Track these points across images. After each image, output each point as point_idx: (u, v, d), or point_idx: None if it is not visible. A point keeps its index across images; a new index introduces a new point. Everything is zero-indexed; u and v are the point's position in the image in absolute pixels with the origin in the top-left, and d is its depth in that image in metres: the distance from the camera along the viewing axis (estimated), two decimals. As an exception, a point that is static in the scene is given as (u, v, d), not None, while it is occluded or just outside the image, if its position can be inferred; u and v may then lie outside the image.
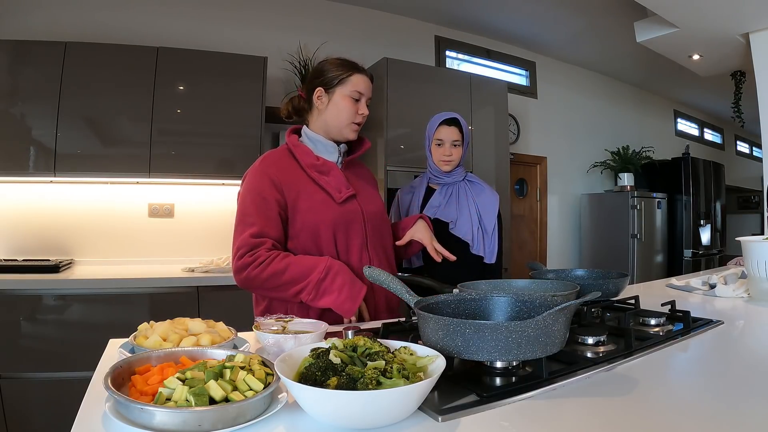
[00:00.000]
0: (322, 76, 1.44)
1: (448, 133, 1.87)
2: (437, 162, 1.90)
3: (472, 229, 1.86)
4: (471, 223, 1.86)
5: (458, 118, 1.88)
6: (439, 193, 1.91)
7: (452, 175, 1.92)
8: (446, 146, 1.87)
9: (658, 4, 3.18)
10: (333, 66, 1.46)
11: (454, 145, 1.88)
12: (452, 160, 1.88)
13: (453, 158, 1.88)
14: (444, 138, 1.88)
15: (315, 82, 1.45)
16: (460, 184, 1.94)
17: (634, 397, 0.75)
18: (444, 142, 1.88)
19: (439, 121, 1.88)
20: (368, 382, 0.63)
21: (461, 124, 1.89)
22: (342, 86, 1.43)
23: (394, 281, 1.00)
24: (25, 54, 2.54)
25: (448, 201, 1.89)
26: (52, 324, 2.28)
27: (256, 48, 3.10)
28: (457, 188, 1.92)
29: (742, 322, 1.32)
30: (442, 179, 1.92)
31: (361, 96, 1.43)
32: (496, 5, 3.84)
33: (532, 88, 4.81)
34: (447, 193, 1.91)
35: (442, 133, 1.88)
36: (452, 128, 1.87)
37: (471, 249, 1.85)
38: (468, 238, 1.86)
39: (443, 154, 1.88)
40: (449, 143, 1.88)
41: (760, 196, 6.85)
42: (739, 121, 4.47)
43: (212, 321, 1.02)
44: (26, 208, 2.81)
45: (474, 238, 1.86)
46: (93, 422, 0.64)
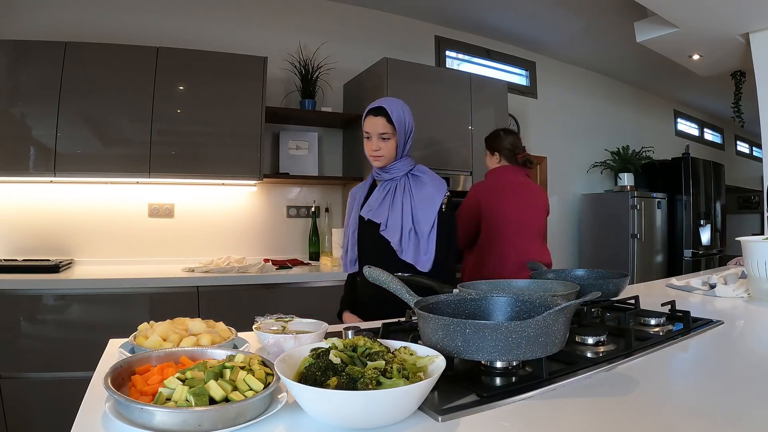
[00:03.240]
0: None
1: (373, 124, 1.64)
2: (368, 157, 1.70)
3: (402, 231, 1.63)
4: (401, 224, 1.63)
5: (385, 107, 1.63)
6: (378, 191, 1.71)
7: (391, 171, 1.69)
8: (373, 140, 1.65)
9: (658, 4, 3.18)
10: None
11: (382, 138, 1.64)
12: (381, 155, 1.65)
13: (382, 153, 1.65)
14: (370, 130, 1.65)
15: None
16: (402, 179, 1.70)
17: (634, 397, 0.75)
18: (370, 135, 1.65)
19: (366, 111, 1.67)
20: (368, 382, 0.63)
21: (390, 114, 1.63)
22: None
23: (394, 281, 1.00)
24: (25, 54, 2.54)
25: (383, 199, 1.68)
26: (52, 324, 2.28)
27: (256, 48, 3.10)
28: (395, 185, 1.69)
29: (742, 322, 1.32)
30: (381, 175, 1.71)
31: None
32: (496, 5, 3.83)
33: (532, 88, 4.81)
34: (384, 190, 1.70)
35: (368, 124, 1.65)
36: (378, 119, 1.63)
37: (399, 255, 1.61)
38: (395, 242, 1.62)
39: (371, 148, 1.66)
40: (376, 136, 1.64)
41: (760, 196, 6.85)
42: (739, 121, 4.47)
43: (212, 321, 1.02)
44: (26, 208, 2.81)
45: (403, 241, 1.62)
46: (93, 422, 0.64)
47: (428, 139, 3.18)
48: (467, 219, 2.39)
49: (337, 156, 3.62)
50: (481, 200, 2.40)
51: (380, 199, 1.69)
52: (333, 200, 3.55)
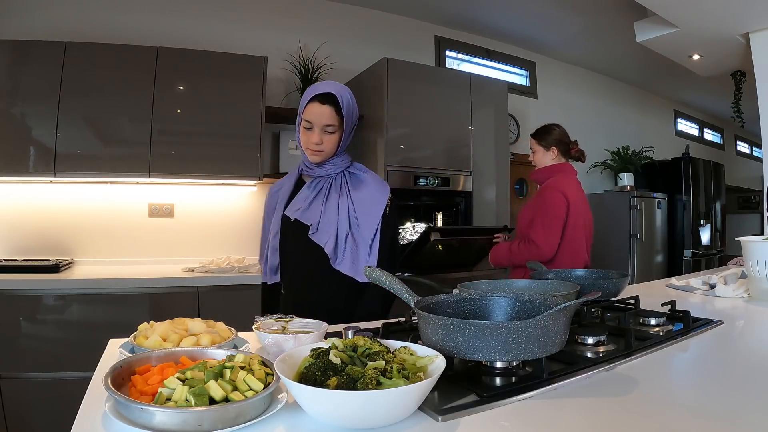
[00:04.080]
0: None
1: (319, 114, 1.41)
2: (305, 150, 1.48)
3: (337, 235, 1.42)
4: (337, 228, 1.43)
5: (335, 94, 1.42)
6: (308, 188, 1.50)
7: (326, 167, 1.49)
8: (315, 132, 1.42)
9: (658, 4, 3.18)
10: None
11: (326, 131, 1.43)
12: (323, 150, 1.44)
13: (324, 148, 1.44)
14: (313, 120, 1.42)
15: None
16: (337, 177, 1.51)
17: (634, 397, 0.75)
18: (313, 125, 1.43)
19: (310, 96, 1.42)
20: (368, 382, 0.63)
21: (340, 103, 1.42)
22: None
23: (393, 281, 1.00)
24: (25, 54, 2.54)
25: (315, 198, 1.47)
26: (52, 324, 2.28)
27: (256, 48, 3.10)
28: (330, 182, 1.49)
29: (742, 322, 1.32)
30: (314, 171, 1.50)
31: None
32: (496, 5, 3.83)
33: (532, 88, 4.81)
34: (316, 188, 1.49)
35: (311, 112, 1.42)
36: (325, 108, 1.41)
37: (332, 263, 1.42)
38: (329, 248, 1.41)
39: (311, 141, 1.43)
40: (319, 128, 1.42)
41: (760, 196, 6.85)
42: (739, 121, 4.47)
43: (212, 321, 1.02)
44: (26, 208, 2.81)
45: (338, 248, 1.42)
46: (93, 422, 0.64)
47: (428, 139, 3.18)
48: (560, 218, 2.24)
49: (337, 156, 3.62)
50: (569, 199, 2.27)
51: (310, 198, 1.48)
52: (333, 200, 3.55)
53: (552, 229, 2.21)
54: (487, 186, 3.44)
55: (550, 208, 2.24)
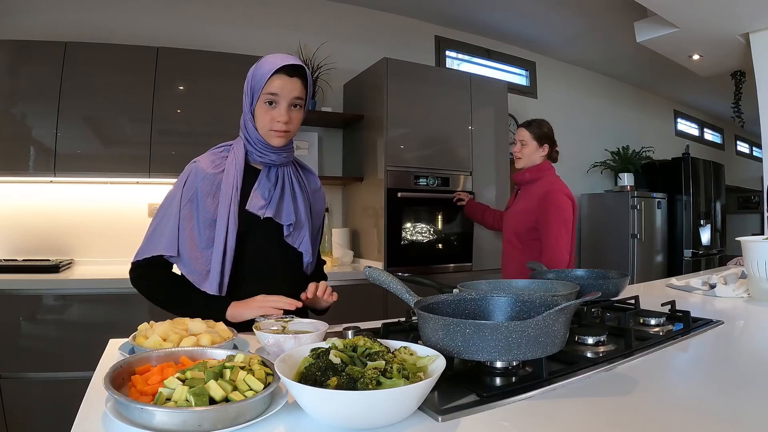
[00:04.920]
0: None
1: (289, 87, 1.22)
2: (265, 131, 1.26)
3: (311, 237, 1.36)
4: (309, 228, 1.35)
5: (303, 66, 1.26)
6: (267, 179, 1.30)
7: (286, 153, 1.31)
8: (282, 107, 1.23)
9: (658, 4, 3.18)
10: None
11: (294, 107, 1.25)
12: (289, 130, 1.26)
13: (291, 128, 1.26)
14: (281, 93, 1.22)
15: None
16: (289, 165, 1.36)
17: (634, 397, 0.75)
18: (279, 100, 1.22)
19: (277, 67, 1.21)
20: (368, 382, 0.63)
21: (307, 78, 1.27)
22: None
23: (393, 281, 1.00)
24: (25, 54, 2.54)
25: (281, 191, 1.31)
26: (52, 324, 2.28)
27: (256, 48, 3.10)
28: (284, 172, 1.34)
29: (742, 322, 1.32)
30: (268, 157, 1.29)
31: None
32: (496, 5, 3.84)
33: (532, 88, 4.81)
34: (277, 178, 1.32)
35: (278, 85, 1.21)
36: (295, 81, 1.23)
37: (304, 261, 1.36)
38: (309, 251, 1.34)
39: (277, 119, 1.23)
40: (287, 103, 1.23)
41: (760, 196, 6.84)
42: (739, 121, 4.47)
43: (212, 321, 1.02)
44: (26, 208, 2.81)
45: (313, 249, 1.37)
46: (93, 422, 0.64)
47: (428, 139, 3.19)
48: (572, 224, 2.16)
49: (337, 156, 3.62)
50: (573, 202, 2.20)
51: (274, 191, 1.29)
52: (333, 200, 3.55)
53: (567, 236, 2.11)
54: (487, 186, 3.44)
55: (564, 215, 2.12)
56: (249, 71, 1.29)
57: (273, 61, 1.23)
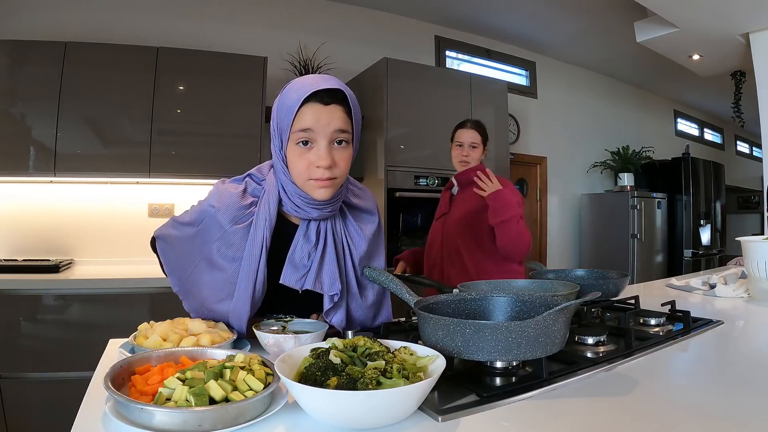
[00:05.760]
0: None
1: (326, 118, 0.93)
2: (302, 180, 0.97)
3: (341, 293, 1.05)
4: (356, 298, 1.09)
5: (343, 90, 0.96)
6: (305, 240, 1.02)
7: (330, 207, 1.02)
8: (321, 146, 0.94)
9: (658, 4, 3.18)
10: None
11: (338, 141, 0.96)
12: (336, 177, 0.96)
13: (338, 173, 0.97)
14: (315, 128, 0.93)
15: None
16: (335, 217, 1.07)
17: (634, 397, 0.75)
18: (316, 137, 0.94)
19: (307, 95, 0.92)
20: (368, 382, 0.63)
21: (350, 103, 0.96)
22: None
23: (393, 281, 1.00)
24: (25, 54, 2.54)
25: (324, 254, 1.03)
26: (52, 324, 2.28)
27: (256, 48, 3.10)
28: (329, 227, 1.05)
29: (742, 322, 1.32)
30: (307, 213, 1.01)
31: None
32: (496, 5, 3.83)
33: (532, 88, 4.81)
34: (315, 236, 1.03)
35: (312, 117, 0.93)
36: (333, 108, 0.94)
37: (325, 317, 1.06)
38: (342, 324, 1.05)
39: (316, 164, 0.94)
40: (327, 140, 0.94)
41: (760, 196, 6.84)
42: (739, 121, 4.47)
43: (212, 321, 1.02)
44: (26, 208, 2.81)
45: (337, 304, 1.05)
46: (93, 422, 0.64)
47: (428, 139, 3.18)
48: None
49: (337, 156, 3.62)
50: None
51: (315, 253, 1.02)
52: (333, 200, 3.55)
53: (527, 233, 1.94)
54: (487, 186, 3.44)
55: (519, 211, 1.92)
56: (273, 104, 1.00)
57: (302, 87, 0.94)
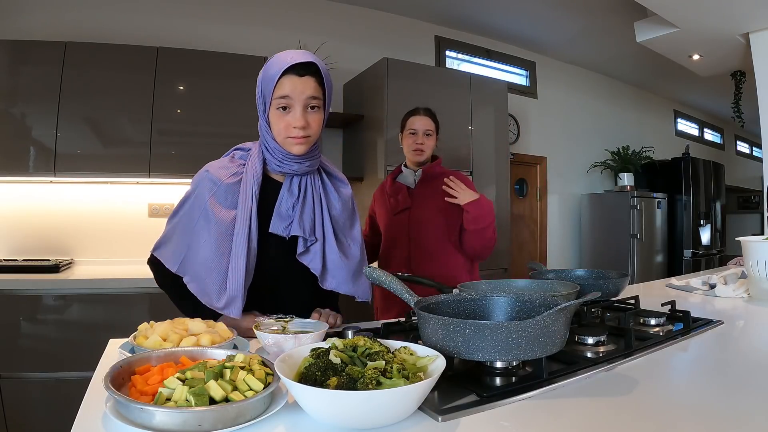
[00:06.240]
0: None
1: (301, 87, 1.10)
2: (281, 138, 1.13)
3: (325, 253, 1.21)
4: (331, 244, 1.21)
5: (316, 63, 1.16)
6: (289, 193, 1.18)
7: (308, 161, 1.18)
8: (297, 111, 1.10)
9: (658, 4, 3.18)
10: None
11: (311, 108, 1.12)
12: (309, 135, 1.13)
13: (311, 132, 1.13)
14: (294, 95, 1.10)
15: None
16: (315, 174, 1.23)
17: (634, 397, 0.75)
18: (293, 103, 1.10)
19: (284, 68, 1.11)
20: (368, 382, 0.63)
21: (322, 73, 1.15)
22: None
23: (393, 281, 1.00)
24: (25, 54, 2.54)
25: (304, 206, 1.18)
26: (52, 324, 2.28)
27: (256, 48, 3.10)
28: (309, 182, 1.21)
29: (742, 322, 1.32)
30: (288, 166, 1.16)
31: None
32: (496, 5, 3.84)
33: (532, 88, 4.81)
34: (299, 190, 1.19)
35: (289, 87, 1.10)
36: (307, 80, 1.12)
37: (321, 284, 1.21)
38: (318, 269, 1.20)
39: (294, 124, 1.11)
40: (302, 105, 1.11)
41: (760, 196, 6.85)
42: (739, 121, 4.47)
43: (212, 321, 1.02)
44: (26, 208, 2.81)
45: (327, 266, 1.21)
46: (93, 422, 0.64)
47: (428, 139, 3.18)
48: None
49: (337, 156, 3.62)
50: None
51: (298, 204, 1.18)
52: (333, 200, 3.55)
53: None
54: (487, 186, 3.44)
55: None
56: (259, 74, 1.17)
57: (280, 61, 1.12)
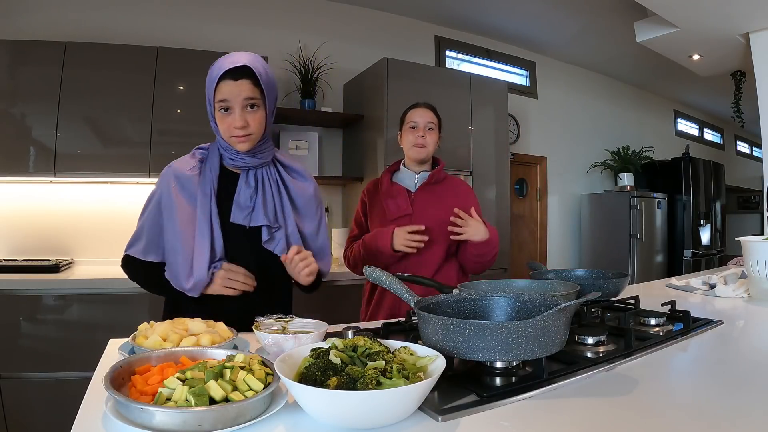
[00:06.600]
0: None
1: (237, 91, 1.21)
2: (227, 137, 1.25)
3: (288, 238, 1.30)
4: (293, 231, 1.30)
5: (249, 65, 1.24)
6: (246, 184, 1.28)
7: (259, 155, 1.28)
8: (236, 112, 1.21)
9: (658, 4, 3.18)
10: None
11: (249, 108, 1.22)
12: (251, 133, 1.23)
13: (252, 130, 1.23)
14: (231, 98, 1.21)
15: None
16: (270, 166, 1.33)
17: (634, 397, 0.75)
18: (231, 105, 1.21)
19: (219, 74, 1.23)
20: (368, 382, 0.63)
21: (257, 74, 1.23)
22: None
23: (394, 281, 1.00)
24: (25, 54, 2.54)
25: (260, 195, 1.28)
26: (52, 324, 2.28)
27: (256, 48, 3.07)
28: (264, 173, 1.31)
29: (742, 322, 1.32)
30: (242, 160, 1.27)
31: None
32: (496, 5, 3.83)
33: (532, 88, 4.81)
34: (256, 182, 1.30)
35: (226, 90, 1.22)
36: (243, 83, 1.21)
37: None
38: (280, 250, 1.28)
39: (234, 125, 1.22)
40: (240, 107, 1.21)
41: (760, 196, 6.85)
42: (739, 121, 4.47)
43: (212, 321, 1.02)
44: (26, 208, 2.81)
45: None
46: (93, 422, 0.64)
47: (428, 139, 3.18)
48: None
49: (337, 156, 3.62)
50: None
51: (254, 196, 1.27)
52: (333, 200, 3.55)
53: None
54: (487, 186, 3.44)
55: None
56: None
57: (217, 67, 1.23)
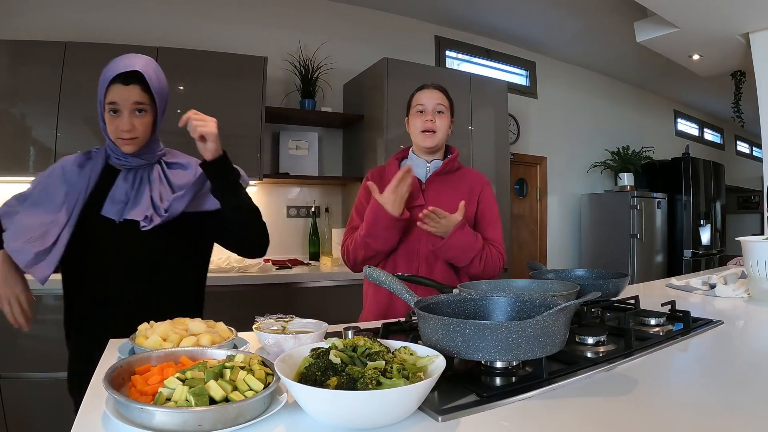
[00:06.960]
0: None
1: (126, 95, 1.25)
2: (115, 140, 1.30)
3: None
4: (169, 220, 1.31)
5: (141, 71, 1.26)
6: (124, 180, 1.32)
7: (143, 157, 1.33)
8: (124, 115, 1.26)
9: (658, 4, 3.18)
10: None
11: (136, 113, 1.27)
12: (136, 137, 1.28)
13: (137, 134, 1.28)
14: (120, 102, 1.25)
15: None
16: (154, 166, 1.37)
17: (634, 397, 0.75)
18: (120, 108, 1.26)
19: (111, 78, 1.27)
20: (368, 382, 0.63)
21: (148, 80, 1.27)
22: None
23: (394, 281, 1.00)
24: (25, 54, 2.54)
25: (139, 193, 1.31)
26: (52, 324, 2.28)
27: (256, 48, 3.10)
28: (145, 173, 1.35)
29: (742, 322, 1.32)
30: (126, 161, 1.32)
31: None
32: (496, 5, 3.83)
33: (532, 88, 4.81)
34: (135, 178, 1.34)
35: (116, 94, 1.26)
36: (132, 89, 1.26)
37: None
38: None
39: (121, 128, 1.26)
40: (128, 111, 1.26)
41: (760, 196, 6.85)
42: (739, 121, 4.47)
43: (212, 321, 1.02)
44: (26, 208, 2.81)
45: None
46: (93, 422, 0.64)
47: (428, 139, 3.19)
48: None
49: (337, 156, 3.62)
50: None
51: (131, 192, 1.30)
52: (333, 200, 3.55)
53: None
54: (487, 186, 3.44)
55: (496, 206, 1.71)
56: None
57: (110, 69, 1.26)
